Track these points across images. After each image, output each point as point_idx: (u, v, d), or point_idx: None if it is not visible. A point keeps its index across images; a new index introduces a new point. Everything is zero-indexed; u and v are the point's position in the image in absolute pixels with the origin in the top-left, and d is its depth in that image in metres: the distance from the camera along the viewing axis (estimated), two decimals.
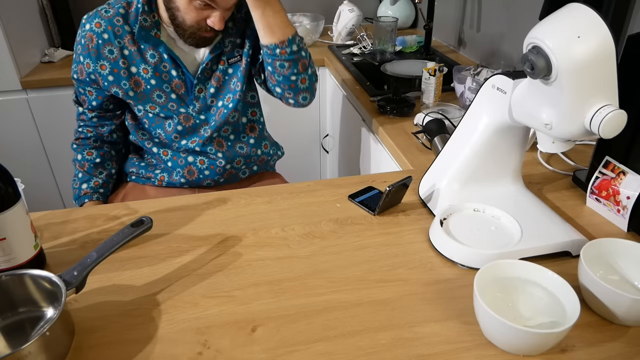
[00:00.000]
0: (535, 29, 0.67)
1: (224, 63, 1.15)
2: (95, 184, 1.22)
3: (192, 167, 1.21)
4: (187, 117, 1.16)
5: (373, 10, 2.45)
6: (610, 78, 0.65)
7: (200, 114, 1.16)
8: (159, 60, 1.10)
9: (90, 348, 0.65)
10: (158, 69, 1.11)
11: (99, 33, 1.07)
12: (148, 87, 1.11)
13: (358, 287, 0.74)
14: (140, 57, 1.09)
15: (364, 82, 1.65)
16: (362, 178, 1.04)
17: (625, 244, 0.72)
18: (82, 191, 1.20)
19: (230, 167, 1.23)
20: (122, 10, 1.08)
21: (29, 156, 1.98)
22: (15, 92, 1.85)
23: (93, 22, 1.08)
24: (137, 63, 1.10)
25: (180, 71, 1.12)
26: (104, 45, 1.08)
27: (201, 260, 0.80)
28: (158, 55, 1.10)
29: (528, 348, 0.61)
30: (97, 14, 1.09)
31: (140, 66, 1.10)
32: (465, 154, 0.87)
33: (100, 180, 1.22)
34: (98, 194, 1.22)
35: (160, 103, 1.13)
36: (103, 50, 1.08)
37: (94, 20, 1.08)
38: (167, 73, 1.12)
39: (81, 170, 1.22)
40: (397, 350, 0.63)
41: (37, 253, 0.77)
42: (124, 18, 1.08)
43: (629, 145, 0.85)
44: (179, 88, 1.13)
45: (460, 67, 1.44)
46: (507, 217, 0.83)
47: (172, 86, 1.12)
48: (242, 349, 0.64)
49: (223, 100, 1.17)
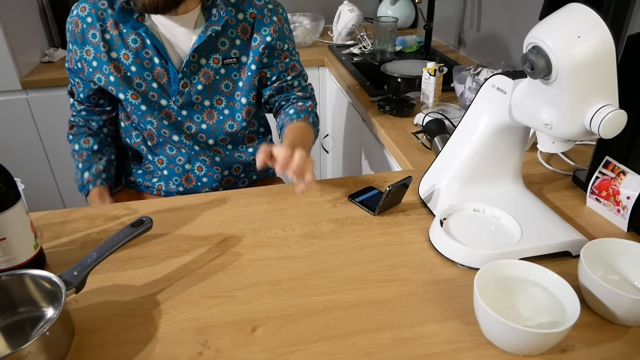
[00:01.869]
0: (535, 29, 0.67)
1: (218, 62, 1.09)
2: (97, 171, 1.19)
3: (190, 175, 1.19)
4: (168, 113, 1.11)
5: (373, 10, 2.45)
6: (610, 78, 0.65)
7: (182, 109, 1.12)
8: (140, 46, 1.05)
9: (90, 348, 0.65)
10: (139, 55, 1.06)
11: (84, 17, 1.05)
12: (128, 74, 1.07)
13: (358, 287, 0.74)
14: (122, 42, 1.05)
15: (364, 82, 1.65)
16: (362, 178, 1.04)
17: (625, 244, 0.72)
18: (84, 180, 1.18)
19: (229, 175, 1.22)
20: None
21: (29, 156, 1.98)
22: (15, 92, 1.85)
23: (79, 7, 1.06)
24: (117, 48, 1.06)
25: (163, 59, 1.07)
26: (88, 29, 1.05)
27: (201, 260, 0.80)
28: (140, 40, 1.05)
29: (528, 348, 0.61)
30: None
31: (120, 51, 1.06)
32: (465, 154, 0.87)
33: (101, 167, 1.20)
34: (101, 179, 1.19)
35: (141, 92, 1.09)
36: (87, 35, 1.06)
37: (80, 5, 1.06)
38: (149, 60, 1.07)
39: (80, 160, 1.19)
40: (397, 350, 0.63)
41: (37, 253, 0.77)
42: (109, 1, 1.04)
43: (629, 145, 0.85)
44: (160, 77, 1.08)
45: (460, 67, 1.44)
46: (507, 217, 0.83)
47: (153, 74, 1.07)
48: (242, 349, 0.64)
49: (211, 100, 1.13)
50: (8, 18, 1.78)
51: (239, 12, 1.09)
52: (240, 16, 1.09)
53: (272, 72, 1.15)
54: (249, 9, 1.09)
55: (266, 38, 1.10)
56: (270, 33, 1.10)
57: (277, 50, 1.13)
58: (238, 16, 1.09)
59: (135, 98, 1.10)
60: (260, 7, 1.10)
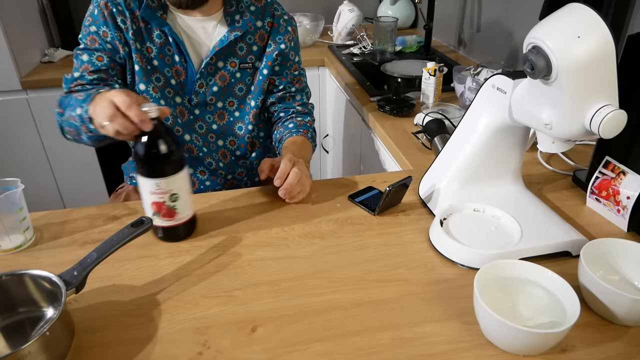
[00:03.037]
0: (535, 29, 0.67)
1: (235, 65, 1.13)
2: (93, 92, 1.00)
3: (193, 179, 1.20)
4: (181, 110, 1.13)
5: (373, 10, 2.45)
6: (610, 78, 0.65)
7: (195, 108, 1.14)
8: (164, 42, 1.08)
9: (90, 348, 0.65)
10: (162, 51, 1.08)
11: (114, 3, 1.05)
12: (149, 67, 1.08)
13: (358, 287, 0.74)
14: (147, 35, 1.07)
15: (364, 82, 1.65)
16: (362, 178, 1.04)
17: (625, 244, 0.72)
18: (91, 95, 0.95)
19: (232, 178, 1.23)
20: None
21: (29, 156, 1.98)
22: (15, 92, 1.85)
23: None
24: (143, 40, 1.07)
25: (183, 58, 1.09)
26: (118, 14, 1.05)
27: (201, 260, 0.80)
28: (164, 36, 1.07)
29: (528, 348, 0.61)
30: None
31: (145, 44, 1.07)
32: (465, 154, 0.87)
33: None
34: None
35: (159, 87, 1.10)
36: (117, 19, 1.05)
37: None
38: (170, 57, 1.09)
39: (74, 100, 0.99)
40: (397, 350, 0.63)
41: (193, 214, 0.86)
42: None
43: (629, 145, 0.85)
44: (179, 75, 1.10)
45: (460, 67, 1.44)
46: (507, 217, 0.83)
47: (172, 71, 1.10)
48: (242, 349, 0.64)
49: (224, 102, 1.16)
50: (8, 18, 1.78)
51: (258, 20, 1.13)
52: (259, 24, 1.13)
53: (280, 81, 1.19)
54: (267, 17, 1.14)
55: (280, 45, 1.15)
56: (285, 41, 1.15)
57: (290, 61, 1.18)
58: (257, 23, 1.13)
59: (155, 92, 1.10)
60: (277, 16, 1.15)
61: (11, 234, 0.82)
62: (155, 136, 0.77)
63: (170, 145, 0.78)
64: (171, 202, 0.80)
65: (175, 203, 0.81)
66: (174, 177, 0.79)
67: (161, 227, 0.83)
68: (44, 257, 0.82)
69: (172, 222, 0.83)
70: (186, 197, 0.82)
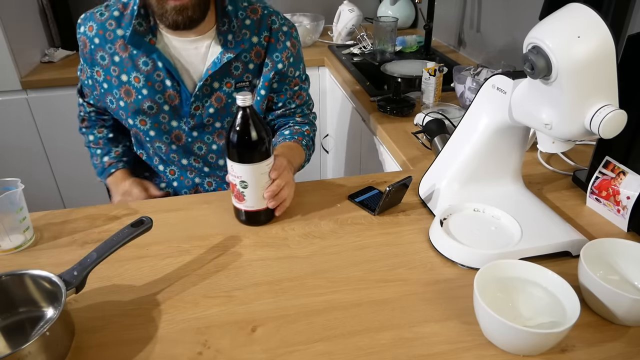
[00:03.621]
0: (535, 29, 0.67)
1: (231, 85, 1.07)
2: (117, 154, 1.18)
3: (200, 189, 1.19)
4: (178, 135, 1.10)
5: (373, 10, 2.45)
6: (610, 78, 0.65)
7: (193, 131, 1.10)
8: (152, 69, 1.02)
9: (90, 348, 0.65)
10: (151, 78, 1.03)
11: (91, 37, 1.03)
12: (139, 97, 1.04)
13: (358, 287, 0.74)
14: (132, 65, 1.02)
15: (364, 82, 1.65)
16: (362, 178, 1.04)
17: (625, 244, 0.72)
18: (105, 163, 1.16)
19: None
20: (117, 12, 1.02)
21: (29, 156, 1.98)
22: (15, 92, 1.85)
23: (87, 25, 1.04)
24: (128, 70, 1.03)
25: (175, 82, 1.04)
26: (96, 50, 1.03)
27: (201, 260, 0.80)
28: (152, 63, 1.02)
29: (528, 348, 0.61)
30: (92, 16, 1.04)
31: (131, 74, 1.03)
32: (465, 154, 0.87)
33: (120, 150, 1.19)
34: (123, 162, 1.18)
35: (152, 114, 1.06)
36: (96, 56, 1.04)
37: (88, 23, 1.04)
38: (161, 82, 1.04)
39: (98, 147, 1.18)
40: (397, 350, 0.63)
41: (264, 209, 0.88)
42: (117, 21, 1.02)
43: (629, 145, 0.85)
44: (172, 99, 1.05)
45: (460, 67, 1.44)
46: (507, 217, 0.83)
47: (165, 97, 1.05)
48: (242, 349, 0.64)
49: (222, 122, 1.11)
50: (8, 18, 1.78)
51: (254, 36, 1.06)
52: (255, 39, 1.07)
53: (279, 98, 1.15)
54: (264, 32, 1.07)
55: (278, 65, 1.09)
56: (282, 60, 1.09)
57: (289, 77, 1.13)
58: (252, 39, 1.06)
59: (144, 124, 1.08)
60: (275, 30, 1.08)
61: (11, 234, 0.82)
62: (241, 122, 0.80)
63: (248, 136, 0.81)
64: (241, 188, 0.84)
65: (244, 190, 0.84)
66: (243, 165, 0.82)
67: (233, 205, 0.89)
68: (44, 257, 0.82)
69: (240, 205, 0.87)
70: (255, 190, 0.85)
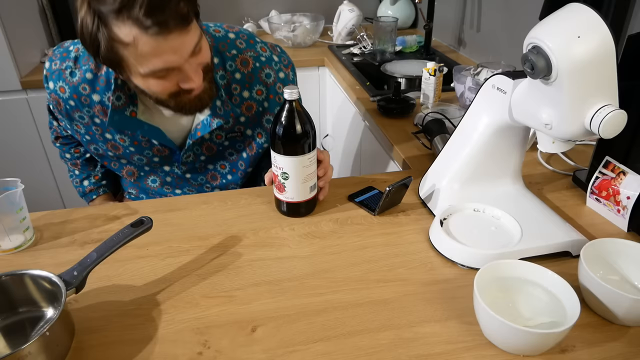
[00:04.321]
0: (535, 29, 0.67)
1: (221, 137, 1.04)
2: (96, 178, 1.18)
3: None
4: (172, 175, 1.09)
5: (373, 10, 2.45)
6: (610, 78, 0.65)
7: (186, 173, 1.09)
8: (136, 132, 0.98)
9: (90, 348, 0.65)
10: (136, 138, 1.00)
11: (65, 99, 0.96)
12: (127, 152, 1.02)
13: (358, 287, 0.74)
14: (115, 129, 0.98)
15: (364, 82, 1.65)
16: (362, 178, 1.04)
17: (625, 244, 0.72)
18: (86, 189, 1.17)
19: None
20: (90, 74, 0.93)
21: (29, 156, 1.98)
22: (15, 92, 1.85)
23: (57, 85, 0.95)
24: (112, 132, 0.99)
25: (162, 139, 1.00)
26: (73, 111, 0.97)
27: (201, 260, 0.80)
28: None
29: (528, 348, 0.61)
30: (60, 75, 0.95)
31: (115, 135, 0.99)
32: (465, 154, 0.87)
33: (99, 174, 1.19)
34: (103, 187, 1.19)
35: (142, 164, 1.05)
36: (73, 115, 0.98)
37: (58, 83, 0.95)
38: (147, 141, 1.00)
39: (75, 168, 1.17)
40: (397, 350, 0.63)
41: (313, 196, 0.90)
42: (91, 85, 0.93)
43: (629, 145, 0.85)
44: (161, 152, 1.03)
45: (460, 67, 1.44)
46: (507, 217, 0.83)
47: (153, 151, 1.03)
48: (242, 349, 0.64)
49: (215, 164, 1.10)
50: (8, 18, 1.78)
51: (245, 90, 1.00)
52: (246, 94, 1.00)
53: None
54: (256, 86, 1.00)
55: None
56: None
57: None
58: (243, 94, 1.00)
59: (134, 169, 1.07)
60: (271, 84, 1.01)
61: (11, 234, 0.82)
62: (287, 115, 0.82)
63: (293, 130, 0.82)
64: (282, 179, 0.86)
65: (285, 181, 0.86)
66: (286, 157, 0.83)
67: (274, 195, 0.91)
68: (44, 257, 0.82)
69: (280, 196, 0.89)
70: (297, 182, 0.86)
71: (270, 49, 1.03)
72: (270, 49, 1.04)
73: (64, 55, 0.96)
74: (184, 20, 0.77)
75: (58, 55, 0.97)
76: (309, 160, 0.85)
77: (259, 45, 1.01)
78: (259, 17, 2.38)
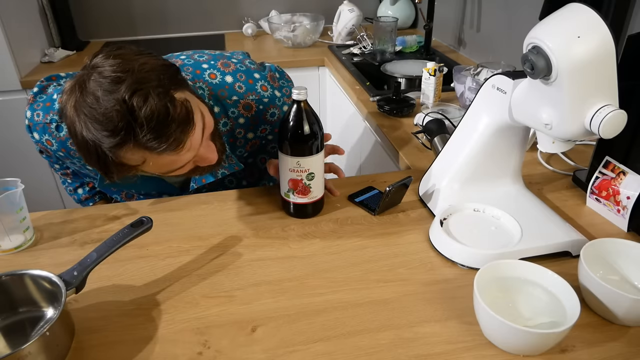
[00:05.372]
0: (535, 29, 0.67)
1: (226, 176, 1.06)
2: (90, 186, 1.16)
3: None
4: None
5: (373, 10, 2.45)
6: (610, 78, 0.65)
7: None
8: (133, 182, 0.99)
9: (90, 348, 0.65)
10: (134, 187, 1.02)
11: (54, 151, 0.93)
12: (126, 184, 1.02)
13: (358, 287, 0.74)
14: None
15: (364, 82, 1.65)
16: (362, 178, 1.04)
17: (625, 244, 0.72)
18: (81, 197, 1.16)
19: None
20: None
21: (29, 156, 1.98)
22: (15, 92, 1.85)
23: (43, 137, 0.91)
24: None
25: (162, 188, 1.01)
26: (64, 159, 0.96)
27: (201, 260, 0.80)
28: None
29: (528, 348, 0.61)
30: (45, 129, 0.89)
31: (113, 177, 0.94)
32: (465, 154, 0.87)
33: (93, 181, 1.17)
34: (98, 194, 1.19)
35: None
36: (65, 161, 0.97)
37: (44, 136, 0.90)
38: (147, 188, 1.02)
39: (67, 177, 1.13)
40: (397, 350, 0.63)
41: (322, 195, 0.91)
42: None
43: (629, 145, 0.85)
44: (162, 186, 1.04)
45: (460, 67, 1.44)
46: (507, 217, 0.83)
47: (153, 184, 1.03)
48: (242, 349, 0.64)
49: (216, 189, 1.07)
50: (8, 18, 1.78)
51: (249, 132, 0.99)
52: (250, 135, 1.00)
53: None
54: (261, 126, 0.99)
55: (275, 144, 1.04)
56: None
57: None
58: (248, 135, 0.99)
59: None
60: (275, 121, 0.99)
61: (11, 234, 0.82)
62: (301, 118, 0.81)
63: (313, 127, 0.82)
64: (307, 181, 0.85)
65: (310, 182, 0.86)
66: (313, 157, 0.83)
67: (293, 204, 0.89)
68: (44, 257, 0.82)
69: (305, 199, 0.88)
70: (320, 177, 0.87)
71: (270, 85, 0.98)
72: (271, 83, 0.98)
73: (47, 105, 0.90)
74: (190, 127, 0.72)
75: (41, 105, 0.91)
76: (323, 153, 0.87)
77: (259, 84, 0.96)
78: (259, 17, 2.38)
